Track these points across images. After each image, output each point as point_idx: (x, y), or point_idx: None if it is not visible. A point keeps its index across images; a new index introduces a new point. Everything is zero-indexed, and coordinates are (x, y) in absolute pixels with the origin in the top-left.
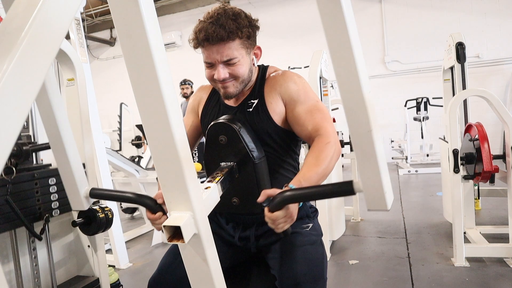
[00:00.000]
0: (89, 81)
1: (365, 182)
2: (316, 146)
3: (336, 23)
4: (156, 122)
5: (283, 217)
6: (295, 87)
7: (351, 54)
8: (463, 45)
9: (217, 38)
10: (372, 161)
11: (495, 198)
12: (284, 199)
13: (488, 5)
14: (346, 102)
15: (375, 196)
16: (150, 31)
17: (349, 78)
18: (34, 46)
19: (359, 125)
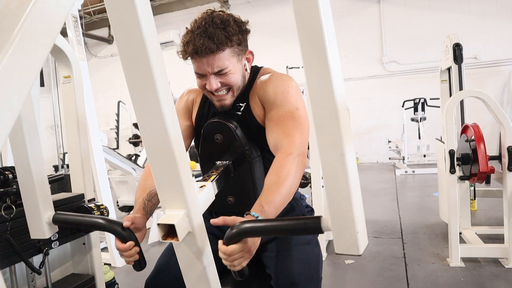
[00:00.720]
0: (86, 78)
1: (335, 219)
2: (276, 161)
3: (313, 41)
4: (151, 121)
5: (239, 252)
6: (273, 90)
7: (325, 63)
8: (460, 46)
9: (206, 50)
10: (344, 193)
11: (491, 198)
12: (241, 231)
13: (486, 6)
14: (316, 119)
15: (346, 237)
16: (146, 30)
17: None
18: (28, 42)
19: (329, 147)
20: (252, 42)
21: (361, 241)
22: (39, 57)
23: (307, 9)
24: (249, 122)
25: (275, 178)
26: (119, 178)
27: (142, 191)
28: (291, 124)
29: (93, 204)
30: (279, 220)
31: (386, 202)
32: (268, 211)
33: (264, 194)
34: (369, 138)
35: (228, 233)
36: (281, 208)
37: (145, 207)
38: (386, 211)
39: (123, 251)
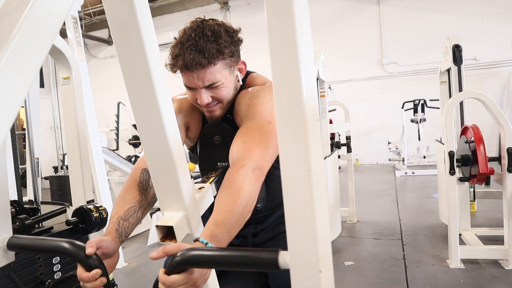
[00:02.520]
0: (86, 80)
1: (294, 253)
2: (227, 175)
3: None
4: (150, 123)
5: (182, 285)
6: (246, 103)
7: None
8: (459, 47)
9: (197, 65)
10: (307, 218)
11: (491, 200)
12: (185, 260)
13: (486, 8)
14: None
15: (304, 277)
16: (144, 31)
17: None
18: (26, 43)
19: (293, 161)
20: (251, 44)
21: (324, 283)
22: (37, 58)
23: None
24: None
25: (225, 196)
26: (119, 179)
27: (120, 207)
28: (255, 137)
29: (92, 206)
30: (230, 250)
31: (385, 203)
32: (220, 235)
33: (214, 215)
34: (369, 139)
35: (170, 261)
36: (237, 229)
37: (118, 228)
38: (385, 212)
39: (86, 282)
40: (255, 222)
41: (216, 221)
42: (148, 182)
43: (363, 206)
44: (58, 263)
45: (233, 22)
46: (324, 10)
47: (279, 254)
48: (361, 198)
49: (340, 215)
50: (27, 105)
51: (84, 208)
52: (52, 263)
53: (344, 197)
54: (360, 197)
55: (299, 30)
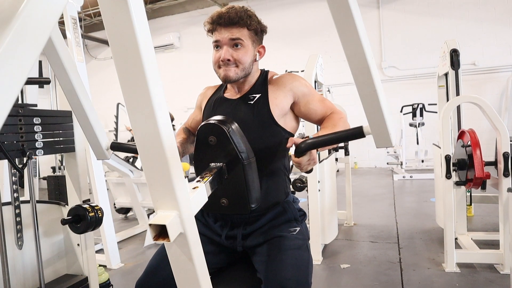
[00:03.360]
0: (85, 80)
1: (373, 127)
2: (331, 118)
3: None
4: (144, 122)
5: (308, 160)
6: (305, 83)
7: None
8: (457, 52)
9: (229, 19)
10: (376, 107)
11: (488, 204)
12: (308, 145)
13: (485, 13)
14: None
15: (382, 136)
16: (140, 34)
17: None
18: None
19: (365, 86)
20: None
21: (392, 138)
22: (29, 58)
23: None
24: (259, 112)
25: (330, 126)
26: (117, 180)
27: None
28: (330, 105)
29: (87, 205)
30: (330, 134)
31: (383, 207)
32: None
33: (321, 131)
34: (368, 143)
35: (297, 148)
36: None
37: (178, 146)
38: (383, 216)
39: None
40: (244, 223)
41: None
42: (190, 132)
43: (360, 209)
44: (41, 141)
45: None
46: (324, 13)
47: (363, 128)
48: (358, 201)
49: (337, 218)
50: None
51: (80, 207)
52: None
53: (341, 200)
54: (358, 200)
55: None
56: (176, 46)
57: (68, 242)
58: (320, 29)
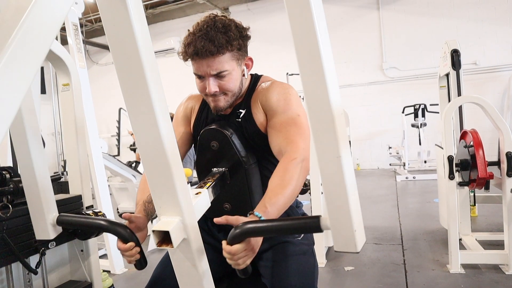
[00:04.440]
0: (86, 86)
1: (333, 219)
2: (281, 164)
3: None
4: (146, 128)
5: (243, 251)
6: (276, 97)
7: (321, 70)
8: (458, 52)
9: (207, 52)
10: (341, 194)
11: (492, 204)
12: (245, 231)
13: (485, 12)
14: (313, 123)
15: (344, 235)
16: (140, 39)
17: (317, 96)
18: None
19: (326, 150)
20: (252, 49)
21: (358, 238)
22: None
23: (302, 17)
24: (248, 128)
25: (279, 181)
26: (119, 185)
27: (142, 193)
28: (294, 130)
29: (90, 211)
30: (280, 220)
31: (386, 208)
32: (271, 212)
33: (268, 195)
34: (370, 144)
35: (231, 233)
36: (283, 210)
37: (145, 208)
38: (386, 217)
39: (124, 251)
40: None
41: (270, 201)
42: None
43: (363, 211)
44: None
45: None
46: (324, 15)
47: (320, 220)
48: (361, 203)
49: None
50: None
51: (83, 213)
52: None
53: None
54: (361, 202)
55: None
56: (177, 50)
57: (72, 248)
58: None
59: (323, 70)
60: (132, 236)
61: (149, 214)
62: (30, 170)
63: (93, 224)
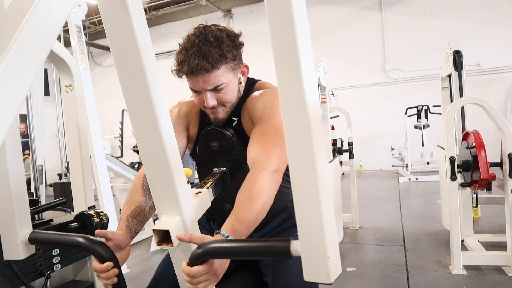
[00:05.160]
0: (89, 87)
1: (305, 242)
2: (250, 175)
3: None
4: (147, 129)
5: (204, 274)
6: (261, 105)
7: (299, 73)
8: (460, 53)
9: (202, 70)
10: (314, 213)
11: (495, 206)
12: (207, 252)
13: (488, 13)
14: (287, 129)
15: (315, 262)
16: (141, 41)
17: (295, 101)
18: (23, 53)
19: (300, 160)
20: (255, 50)
21: (332, 268)
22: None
23: (281, 19)
24: (241, 137)
25: (247, 195)
26: (122, 186)
27: (128, 207)
28: (272, 139)
29: (93, 211)
30: (247, 242)
31: (389, 209)
32: (239, 230)
33: (236, 211)
34: (372, 145)
35: (192, 253)
36: (254, 226)
37: (128, 224)
38: (388, 218)
39: (100, 272)
40: None
41: (238, 217)
42: None
43: (366, 212)
44: (58, 255)
45: (236, 29)
46: (327, 17)
47: (291, 243)
48: (364, 204)
49: (342, 221)
50: (29, 113)
51: (85, 214)
52: (51, 255)
53: (347, 203)
54: (364, 203)
55: (300, 39)
56: None
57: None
58: (323, 33)
59: (301, 74)
60: (110, 254)
61: (131, 231)
62: (5, 180)
63: (69, 241)
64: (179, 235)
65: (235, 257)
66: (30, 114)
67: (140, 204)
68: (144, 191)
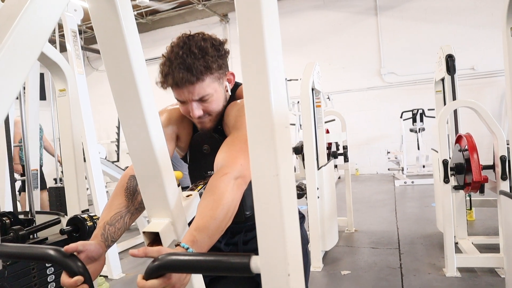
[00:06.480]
0: (84, 92)
1: (265, 257)
2: (210, 182)
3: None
4: (136, 132)
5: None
6: (235, 113)
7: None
8: (452, 57)
9: (186, 83)
10: (275, 223)
11: (489, 208)
12: (163, 265)
13: (482, 18)
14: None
15: (275, 280)
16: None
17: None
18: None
19: (262, 165)
20: None
21: (293, 286)
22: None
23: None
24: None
25: (208, 202)
26: None
27: (107, 213)
28: (240, 146)
29: (86, 215)
30: (205, 256)
31: (384, 213)
32: (201, 240)
33: (196, 220)
34: (368, 149)
35: (149, 266)
36: (218, 235)
37: (104, 233)
38: (384, 222)
39: (69, 286)
40: (245, 230)
41: (198, 227)
42: (136, 188)
43: (361, 216)
44: (52, 274)
45: (233, 34)
46: (323, 21)
47: (251, 259)
48: (360, 208)
49: (337, 224)
50: (23, 117)
51: (78, 217)
52: (46, 274)
53: (342, 207)
54: (359, 206)
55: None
56: None
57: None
58: (319, 37)
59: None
60: (80, 268)
61: (107, 240)
62: None
63: (37, 254)
64: (133, 251)
65: (192, 272)
66: (24, 118)
67: (121, 210)
68: (127, 194)
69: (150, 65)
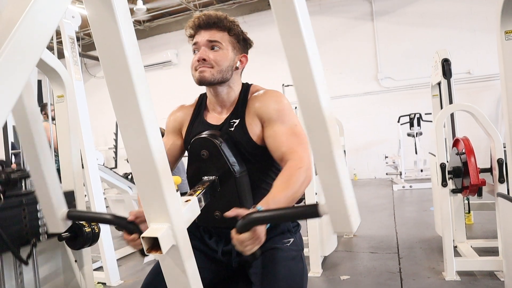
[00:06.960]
0: (82, 98)
1: (330, 205)
2: (287, 169)
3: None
4: (135, 137)
5: (250, 239)
6: (275, 106)
7: (310, 74)
8: (448, 61)
9: (208, 19)
10: (335, 183)
11: (488, 212)
12: (251, 221)
13: (477, 23)
14: (307, 123)
15: (340, 218)
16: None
17: (309, 99)
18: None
19: (320, 146)
20: (248, 61)
21: (353, 221)
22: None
23: (291, 30)
24: (241, 138)
25: (284, 184)
26: (116, 196)
27: None
28: (295, 140)
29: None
30: (280, 210)
31: (383, 217)
32: (272, 207)
33: (272, 193)
34: (366, 154)
35: (239, 223)
36: (284, 206)
37: None
38: (382, 226)
39: (130, 241)
40: None
41: (274, 197)
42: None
43: (360, 221)
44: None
45: None
46: (319, 27)
47: (319, 206)
48: (359, 213)
49: None
50: None
51: (76, 223)
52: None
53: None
54: (358, 211)
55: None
56: (174, 62)
57: (66, 259)
58: (317, 42)
59: (314, 81)
60: (136, 228)
61: None
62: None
63: (100, 218)
64: (228, 213)
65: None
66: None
67: None
68: None
69: (149, 71)
